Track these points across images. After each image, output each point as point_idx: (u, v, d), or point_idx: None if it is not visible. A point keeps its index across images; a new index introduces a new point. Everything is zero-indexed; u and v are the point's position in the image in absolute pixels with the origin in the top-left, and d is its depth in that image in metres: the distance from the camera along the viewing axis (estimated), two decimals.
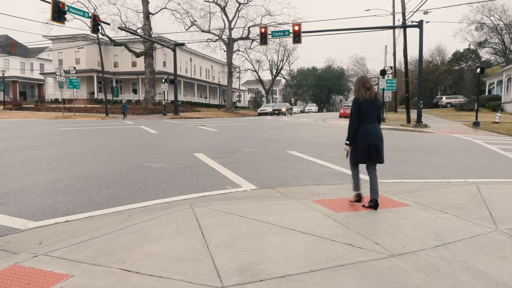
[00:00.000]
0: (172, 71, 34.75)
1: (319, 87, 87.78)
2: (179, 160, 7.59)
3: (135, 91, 46.47)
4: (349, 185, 5.67)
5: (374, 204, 4.35)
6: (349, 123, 4.52)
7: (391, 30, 38.00)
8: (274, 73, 64.44)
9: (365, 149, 4.39)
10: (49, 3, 18.58)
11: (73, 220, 3.88)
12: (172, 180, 5.79)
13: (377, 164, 4.53)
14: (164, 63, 46.08)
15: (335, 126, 22.38)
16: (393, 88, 26.78)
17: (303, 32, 23.83)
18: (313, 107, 71.03)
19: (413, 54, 52.47)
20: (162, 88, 34.05)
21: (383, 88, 26.60)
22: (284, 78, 76.99)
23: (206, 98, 56.46)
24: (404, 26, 25.01)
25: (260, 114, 41.00)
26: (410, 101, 26.92)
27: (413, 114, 23.54)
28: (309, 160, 8.04)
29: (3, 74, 43.26)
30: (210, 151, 9.00)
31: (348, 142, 4.52)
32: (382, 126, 5.33)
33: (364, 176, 4.67)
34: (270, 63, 63.05)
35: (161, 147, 9.90)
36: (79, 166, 6.96)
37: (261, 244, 3.08)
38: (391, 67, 30.91)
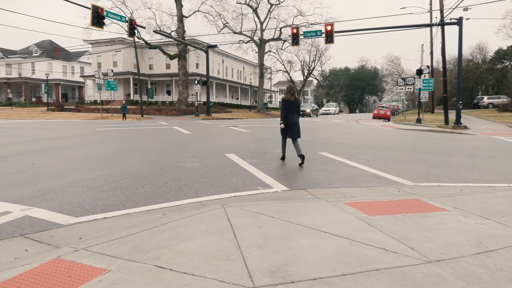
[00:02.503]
0: (205, 73, 35.32)
1: (352, 88, 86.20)
2: (211, 160, 7.70)
3: (169, 93, 47.65)
4: (383, 188, 5.53)
5: (301, 160, 7.38)
6: (281, 113, 7.85)
7: (428, 28, 36.70)
8: (305, 74, 63.97)
9: (288, 127, 7.74)
10: (89, 8, 19.43)
11: (111, 217, 4.02)
12: (204, 180, 5.88)
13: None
14: (197, 65, 46.93)
15: (368, 127, 21.90)
16: (430, 88, 25.82)
17: (336, 32, 23.49)
18: (331, 107, 54.54)
19: (451, 52, 50.24)
20: (195, 89, 34.70)
21: (419, 88, 25.71)
22: (316, 78, 76.29)
23: (237, 99, 56.94)
24: (442, 24, 24.08)
25: None
26: (449, 101, 25.86)
27: (452, 115, 22.58)
28: (341, 161, 7.91)
29: (47, 77, 45.70)
30: (242, 151, 9.06)
31: (282, 122, 7.79)
32: (418, 127, 6.40)
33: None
34: (302, 63, 62.66)
35: (194, 148, 10.08)
36: (116, 165, 7.23)
37: (292, 245, 3.06)
38: (427, 67, 29.80)
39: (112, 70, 32.73)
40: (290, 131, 7.75)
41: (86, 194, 4.94)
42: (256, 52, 46.65)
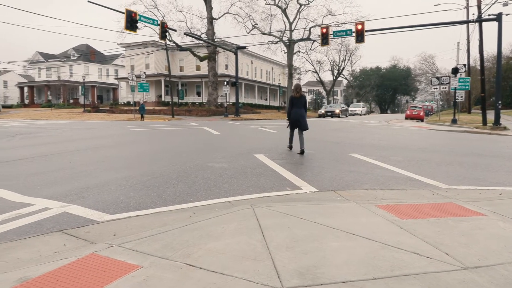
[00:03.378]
0: (234, 74, 35.62)
1: (383, 88, 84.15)
2: (240, 161, 7.75)
3: (198, 94, 48.43)
4: (416, 191, 5.37)
5: (300, 152, 8.79)
6: (287, 109, 9.46)
7: (464, 26, 35.25)
8: (335, 74, 63.14)
9: (294, 120, 9.15)
10: (123, 13, 20.09)
11: (143, 215, 4.14)
12: (233, 180, 5.93)
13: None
14: (226, 66, 47.41)
15: (400, 128, 21.31)
16: (467, 87, 24.76)
17: (367, 30, 23.04)
18: (357, 107, 50.02)
19: (490, 49, 48.00)
20: (224, 90, 35.07)
21: (455, 87, 24.74)
22: (346, 78, 75.09)
23: (266, 99, 57.03)
24: (479, 20, 23.05)
25: (320, 116, 40.30)
26: (487, 101, 24.70)
27: (490, 116, 21.56)
28: (372, 163, 7.75)
29: (84, 79, 47.67)
30: (270, 152, 9.07)
31: (287, 118, 9.42)
32: (453, 128, 6.36)
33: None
34: (331, 63, 61.93)
35: (223, 148, 10.19)
36: (148, 164, 7.43)
37: (321, 247, 3.03)
38: (464, 65, 28.59)
39: (144, 72, 33.66)
40: (299, 123, 9.17)
41: (119, 192, 5.11)
42: (285, 53, 46.56)
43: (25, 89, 61.92)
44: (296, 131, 9.36)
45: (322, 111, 40.82)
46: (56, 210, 4.27)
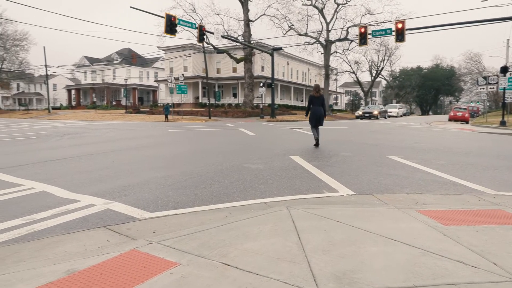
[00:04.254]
0: (270, 75, 35.68)
1: (425, 88, 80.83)
2: (275, 162, 7.75)
3: (235, 95, 48.95)
4: (460, 196, 5.12)
5: (316, 143, 10.41)
6: (307, 107, 10.79)
7: None
8: (373, 74, 61.56)
9: (313, 118, 10.43)
10: (163, 17, 20.73)
11: (181, 214, 4.25)
12: (269, 181, 5.94)
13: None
14: (262, 67, 47.58)
15: (443, 130, 20.39)
16: None
17: (407, 29, 22.29)
18: (393, 108, 46.89)
19: None
20: (260, 91, 35.23)
21: (504, 87, 23.32)
22: (385, 79, 73.05)
23: (302, 101, 56.63)
24: None
25: (357, 117, 39.41)
26: None
27: None
28: (412, 166, 7.47)
29: (126, 82, 49.69)
30: (306, 154, 8.99)
31: (306, 115, 11.04)
32: (502, 131, 5.93)
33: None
34: (370, 63, 60.48)
35: (259, 149, 10.23)
36: (186, 164, 7.61)
37: (359, 252, 2.96)
38: None
39: (182, 75, 34.53)
40: (317, 119, 10.58)
41: (159, 191, 5.27)
42: (321, 54, 46.03)
43: (72, 92, 65.50)
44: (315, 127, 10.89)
45: (359, 112, 39.89)
46: (100, 207, 4.48)
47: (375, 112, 37.78)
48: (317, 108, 10.47)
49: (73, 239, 3.42)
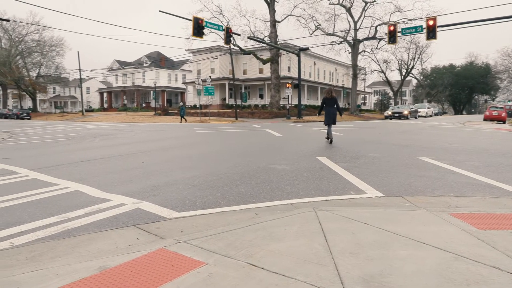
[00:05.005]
0: (296, 76, 35.50)
1: (458, 87, 77.74)
2: (302, 163, 7.70)
3: (261, 96, 49.04)
4: (497, 199, 4.90)
5: (330, 141, 11.59)
6: (320, 107, 12.06)
7: None
8: (403, 73, 59.96)
9: (327, 117, 11.55)
10: (191, 20, 21.09)
11: (208, 214, 4.30)
12: (296, 182, 5.91)
13: None
14: (289, 68, 47.42)
15: (477, 130, 19.57)
16: None
17: (439, 26, 21.57)
18: (422, 108, 44.42)
19: None
20: (287, 92, 35.11)
21: None
22: (415, 78, 70.92)
23: None
24: None
25: (386, 118, 38.50)
26: None
27: None
28: (445, 168, 7.22)
29: (155, 84, 50.89)
30: (333, 155, 8.88)
31: (318, 114, 12.40)
32: None
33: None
34: (399, 62, 58.91)
35: (285, 150, 10.20)
36: (213, 165, 7.70)
37: (387, 255, 2.90)
38: None
39: (210, 76, 34.98)
40: (330, 119, 11.67)
41: (187, 191, 5.36)
42: (349, 53, 45.31)
43: (104, 94, 67.74)
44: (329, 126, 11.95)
45: (388, 112, 38.91)
46: (130, 206, 4.61)
47: (405, 112, 36.72)
48: (330, 108, 11.71)
49: (105, 237, 3.54)
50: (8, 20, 33.05)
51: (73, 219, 4.14)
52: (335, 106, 11.64)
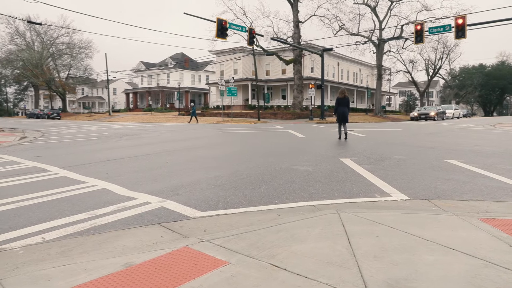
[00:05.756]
0: (320, 76, 35.21)
1: (488, 87, 74.90)
2: (325, 165, 7.63)
3: (284, 97, 48.93)
4: None
5: (345, 138, 12.75)
6: (334, 106, 13.20)
7: None
8: (430, 74, 58.39)
9: (339, 116, 12.81)
10: (215, 22, 21.29)
11: (230, 214, 4.33)
12: (318, 184, 5.87)
13: None
14: (312, 69, 47.11)
15: (509, 133, 18.81)
16: None
17: (468, 25, 20.91)
18: (449, 109, 42.26)
19: None
20: (309, 93, 34.88)
21: None
22: (443, 78, 68.97)
23: (353, 102, 55.14)
24: None
25: (412, 119, 37.58)
26: None
27: None
28: (474, 171, 6.98)
29: (179, 85, 51.68)
30: (357, 156, 8.75)
31: (334, 114, 13.51)
32: None
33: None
34: (426, 62, 57.43)
35: (308, 151, 10.14)
36: (235, 165, 7.74)
37: (413, 260, 2.83)
38: None
39: (233, 77, 35.20)
40: (343, 118, 12.82)
41: (209, 191, 5.42)
42: (374, 53, 44.57)
43: (130, 95, 69.37)
44: (341, 124, 13.11)
45: (414, 113, 37.95)
46: (155, 205, 4.70)
47: (432, 113, 35.69)
48: (343, 108, 12.88)
49: (131, 234, 3.62)
50: (40, 24, 34.40)
51: (101, 216, 4.26)
52: (347, 105, 12.85)
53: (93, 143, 13.41)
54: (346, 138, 12.86)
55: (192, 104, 34.48)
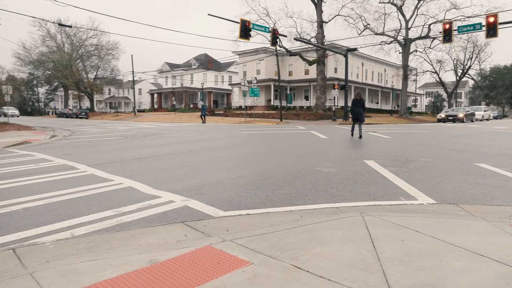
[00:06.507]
0: (343, 77, 34.79)
1: None
2: (348, 166, 7.53)
3: (306, 98, 48.62)
4: None
5: (359, 137, 13.91)
6: (351, 107, 14.79)
7: None
8: (459, 74, 56.60)
9: (354, 116, 14.47)
10: (238, 23, 21.41)
11: (253, 214, 4.34)
12: (342, 185, 5.80)
13: None
14: (335, 69, 46.59)
15: None
16: None
17: (500, 23, 20.13)
18: (479, 111, 41.26)
19: None
20: (333, 94, 34.52)
21: None
22: (472, 78, 66.70)
23: (377, 103, 54.21)
24: None
25: (439, 121, 36.51)
26: None
27: None
28: (505, 175, 6.71)
29: (202, 86, 52.27)
30: (382, 158, 8.59)
31: (350, 113, 16.61)
32: None
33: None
34: (455, 62, 55.68)
35: (331, 152, 10.04)
36: (257, 166, 7.75)
37: (440, 265, 2.75)
38: None
39: (255, 78, 35.28)
40: (358, 118, 14.30)
41: (232, 191, 5.45)
42: (399, 53, 43.60)
43: (155, 96, 70.70)
44: (356, 124, 14.60)
45: (442, 115, 36.85)
46: (179, 203, 4.77)
47: (460, 115, 34.53)
48: (357, 108, 14.33)
49: (155, 232, 3.69)
50: (70, 26, 35.55)
51: (126, 213, 4.37)
52: (362, 106, 14.41)
53: (119, 142, 13.75)
54: (360, 137, 13.97)
55: (202, 103, 34.79)
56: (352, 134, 14.80)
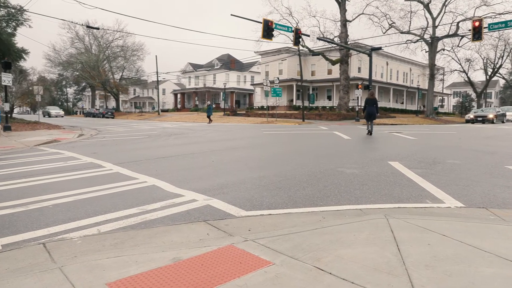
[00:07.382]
0: (367, 77, 34.24)
1: None
2: (372, 168, 7.40)
3: (329, 98, 48.14)
4: None
5: (369, 133, 15.73)
6: (364, 106, 16.67)
7: None
8: (489, 73, 54.57)
9: (367, 114, 16.17)
10: (261, 23, 21.44)
11: (275, 214, 4.33)
12: (365, 187, 5.70)
13: None
14: (359, 69, 45.90)
15: None
16: None
17: None
18: (510, 111, 39.86)
19: None
20: (356, 94, 34.02)
21: None
22: (503, 78, 64.11)
23: (402, 103, 53.04)
24: None
25: (467, 121, 35.33)
26: None
27: None
28: None
29: (225, 86, 52.63)
30: (407, 160, 8.39)
31: (363, 112, 17.25)
32: None
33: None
34: (485, 61, 53.70)
35: (354, 153, 9.89)
36: (280, 166, 7.74)
37: (469, 271, 2.66)
38: None
39: (278, 78, 35.21)
40: (370, 115, 15.68)
41: (254, 191, 5.46)
42: (426, 52, 42.47)
43: (178, 96, 71.77)
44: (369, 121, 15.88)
45: (470, 116, 35.61)
46: (201, 202, 4.82)
47: (490, 116, 33.25)
48: (370, 107, 15.75)
49: (178, 230, 3.74)
50: (98, 28, 36.57)
51: (150, 211, 4.45)
52: (374, 105, 15.84)
53: (144, 141, 14.03)
54: (371, 134, 15.62)
55: (209, 102, 34.95)
56: (368, 132, 15.90)
